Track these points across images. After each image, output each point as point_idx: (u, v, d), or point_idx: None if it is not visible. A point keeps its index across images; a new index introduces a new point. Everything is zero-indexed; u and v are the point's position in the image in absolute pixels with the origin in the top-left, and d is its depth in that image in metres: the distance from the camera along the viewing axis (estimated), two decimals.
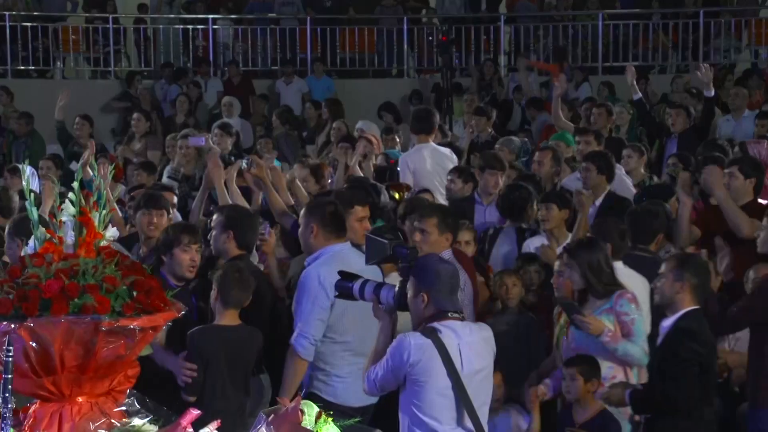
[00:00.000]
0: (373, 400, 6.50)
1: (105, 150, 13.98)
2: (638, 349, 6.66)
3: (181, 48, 20.49)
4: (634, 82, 12.40)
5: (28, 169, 4.60)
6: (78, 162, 11.66)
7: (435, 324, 5.37)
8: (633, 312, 6.70)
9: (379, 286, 5.62)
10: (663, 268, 6.54)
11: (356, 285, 5.69)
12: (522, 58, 18.64)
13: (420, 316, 5.46)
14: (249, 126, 16.68)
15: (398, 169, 10.54)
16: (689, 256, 6.81)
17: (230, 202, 8.23)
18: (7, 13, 19.50)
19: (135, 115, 14.48)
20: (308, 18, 20.55)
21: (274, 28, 20.64)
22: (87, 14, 20.66)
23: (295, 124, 15.74)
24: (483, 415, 5.44)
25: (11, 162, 14.21)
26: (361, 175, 10.09)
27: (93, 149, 9.73)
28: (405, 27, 20.64)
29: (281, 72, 19.75)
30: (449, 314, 5.41)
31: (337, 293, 5.86)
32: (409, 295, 5.48)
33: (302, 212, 7.00)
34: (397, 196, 9.49)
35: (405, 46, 20.69)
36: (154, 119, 16.69)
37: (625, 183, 10.22)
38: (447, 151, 10.61)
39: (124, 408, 4.28)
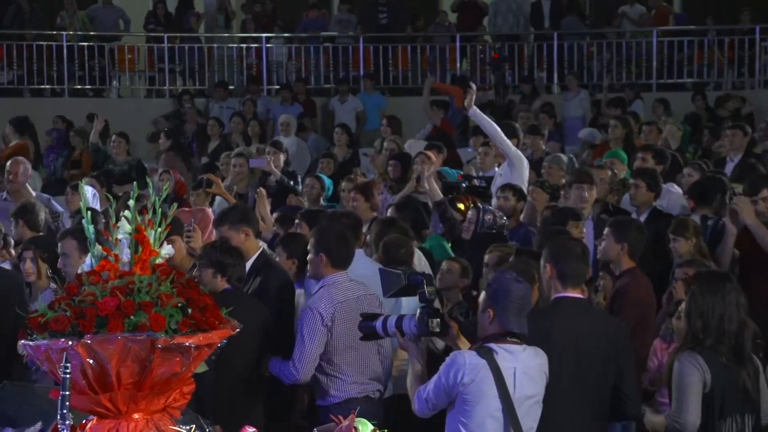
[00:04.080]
0: None
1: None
2: None
3: (235, 67, 20.62)
4: None
5: (89, 189, 4.65)
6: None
7: (492, 344, 5.38)
8: None
9: (400, 318, 5.68)
10: None
11: (378, 323, 5.79)
12: (430, 78, 18.51)
13: (483, 331, 5.47)
14: (305, 145, 16.72)
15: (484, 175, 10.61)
16: None
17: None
18: (63, 33, 19.74)
19: (161, 134, 14.64)
20: (361, 36, 20.62)
21: (327, 46, 20.73)
22: (143, 33, 20.83)
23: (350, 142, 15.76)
24: None
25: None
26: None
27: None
28: (458, 44, 20.64)
29: (335, 90, 19.82)
30: (509, 338, 5.40)
31: (362, 335, 5.97)
32: (479, 309, 5.51)
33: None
34: (462, 207, 9.45)
35: (458, 64, 20.68)
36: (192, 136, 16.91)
37: (678, 199, 10.15)
38: None
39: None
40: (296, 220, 8.65)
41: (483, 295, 5.51)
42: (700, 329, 5.71)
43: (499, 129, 10.39)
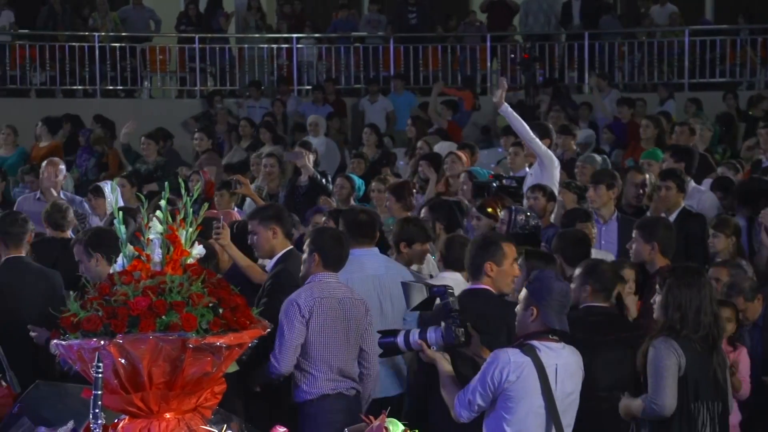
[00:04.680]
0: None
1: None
2: None
3: (265, 67, 20.66)
4: None
5: (108, 187, 4.66)
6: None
7: (534, 342, 5.45)
8: None
9: (423, 331, 5.75)
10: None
11: (400, 338, 5.83)
12: (437, 83, 18.62)
13: (525, 329, 5.53)
14: (335, 145, 16.74)
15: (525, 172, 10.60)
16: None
17: None
18: (96, 34, 19.85)
19: (197, 135, 14.67)
20: (391, 36, 20.63)
21: (357, 46, 20.75)
22: (174, 34, 20.91)
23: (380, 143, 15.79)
24: None
25: None
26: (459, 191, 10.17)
27: None
28: (488, 44, 20.61)
29: (365, 90, 19.84)
30: (550, 336, 5.47)
31: (382, 352, 6.01)
32: (519, 308, 5.57)
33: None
34: (491, 210, 9.44)
35: (488, 64, 20.66)
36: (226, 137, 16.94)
37: (708, 199, 10.09)
38: None
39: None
40: (323, 218, 8.72)
41: (524, 292, 5.57)
42: (678, 320, 5.90)
43: (528, 127, 10.36)
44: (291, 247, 7.37)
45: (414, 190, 10.75)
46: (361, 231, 7.36)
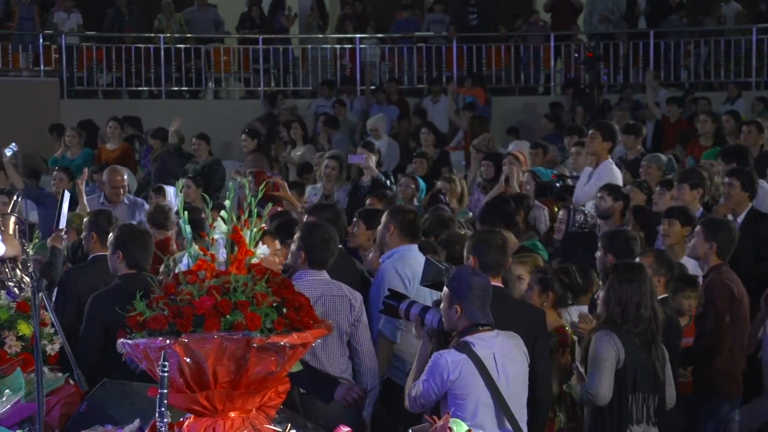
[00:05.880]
0: None
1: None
2: None
3: (328, 67, 20.73)
4: None
5: (170, 189, 4.69)
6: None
7: (468, 338, 5.61)
8: None
9: (425, 309, 5.91)
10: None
11: (403, 305, 6.00)
12: (451, 84, 18.79)
13: (453, 327, 5.69)
14: (396, 145, 16.73)
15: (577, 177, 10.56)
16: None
17: None
18: (161, 35, 20.03)
19: (243, 136, 14.73)
20: (455, 36, 20.59)
21: (420, 46, 20.74)
22: (238, 35, 21.04)
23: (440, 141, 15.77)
24: (521, 417, 5.70)
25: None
26: (519, 191, 10.12)
27: None
28: (552, 44, 20.51)
29: (428, 90, 19.83)
30: (480, 327, 5.63)
31: (382, 308, 6.19)
32: (443, 306, 5.72)
33: (385, 214, 7.74)
34: (556, 209, 9.41)
35: (552, 63, 20.54)
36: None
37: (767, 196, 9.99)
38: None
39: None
40: (353, 219, 8.77)
41: (445, 291, 5.70)
42: (618, 315, 6.12)
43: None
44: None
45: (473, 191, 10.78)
46: (411, 229, 7.59)
